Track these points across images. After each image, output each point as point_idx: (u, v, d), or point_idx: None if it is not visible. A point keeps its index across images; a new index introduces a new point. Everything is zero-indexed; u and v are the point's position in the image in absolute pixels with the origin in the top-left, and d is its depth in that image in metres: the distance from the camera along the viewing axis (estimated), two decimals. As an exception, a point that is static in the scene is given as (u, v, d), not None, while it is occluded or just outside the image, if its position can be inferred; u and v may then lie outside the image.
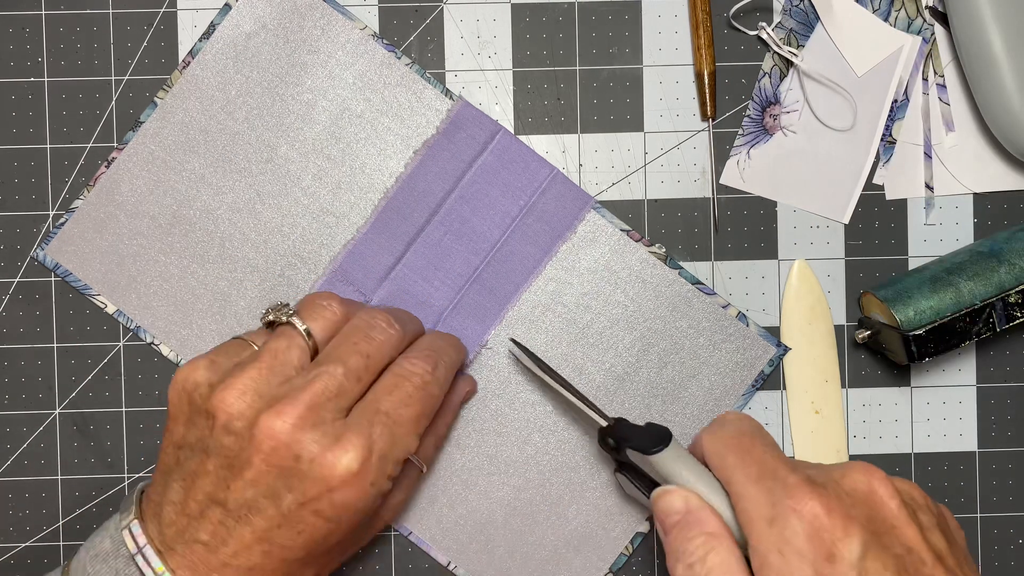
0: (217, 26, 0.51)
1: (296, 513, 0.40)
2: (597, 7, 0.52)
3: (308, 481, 0.40)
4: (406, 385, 0.43)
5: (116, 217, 0.51)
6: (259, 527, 0.40)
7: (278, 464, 0.40)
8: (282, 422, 0.40)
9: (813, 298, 0.52)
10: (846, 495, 0.38)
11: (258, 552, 0.41)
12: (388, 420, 0.42)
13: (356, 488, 0.40)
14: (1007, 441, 0.52)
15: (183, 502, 0.42)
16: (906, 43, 0.52)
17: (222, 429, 0.41)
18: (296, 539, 0.41)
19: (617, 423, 0.47)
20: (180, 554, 0.41)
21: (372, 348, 0.43)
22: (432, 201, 0.51)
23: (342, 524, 0.41)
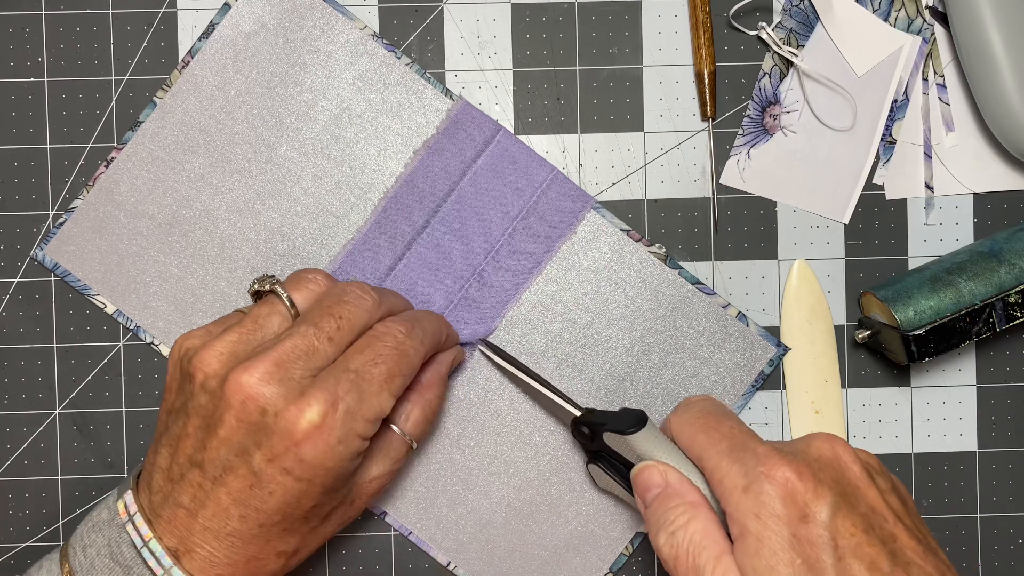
0: (217, 26, 0.51)
1: (266, 471, 0.40)
2: (597, 7, 0.52)
3: (274, 436, 0.40)
4: (377, 344, 0.43)
5: (116, 217, 0.51)
6: (233, 488, 0.41)
7: (246, 420, 0.40)
8: (248, 376, 0.41)
9: (813, 298, 0.52)
10: (814, 461, 0.39)
11: (235, 516, 0.41)
12: (356, 377, 0.42)
13: (321, 443, 0.40)
14: (1007, 441, 0.52)
15: (168, 467, 0.42)
16: (906, 43, 0.52)
17: (199, 388, 0.42)
18: (269, 500, 0.41)
19: (590, 412, 0.48)
20: (166, 520, 0.42)
21: (345, 310, 0.43)
22: (432, 201, 0.51)
23: (314, 484, 0.41)
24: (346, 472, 0.42)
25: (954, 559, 0.52)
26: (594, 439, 0.47)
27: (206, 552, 0.42)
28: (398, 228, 0.51)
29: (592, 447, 0.48)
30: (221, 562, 0.42)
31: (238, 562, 0.42)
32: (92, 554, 0.42)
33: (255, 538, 0.42)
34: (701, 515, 0.41)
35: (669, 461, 0.43)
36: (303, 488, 0.41)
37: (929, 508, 0.52)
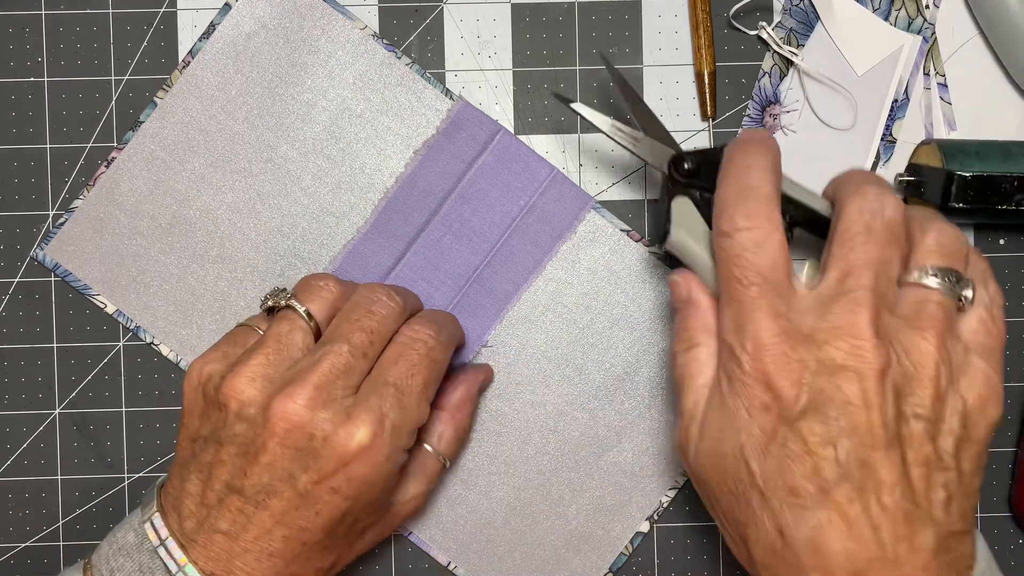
0: (217, 26, 0.51)
1: (313, 492, 0.41)
2: (597, 7, 0.52)
3: (323, 459, 0.40)
4: (411, 354, 0.43)
5: (116, 217, 0.51)
6: (277, 510, 0.41)
7: (293, 445, 0.40)
8: (294, 403, 0.40)
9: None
10: (815, 349, 0.37)
11: (278, 537, 0.41)
12: (396, 392, 0.42)
13: (371, 461, 0.41)
14: (1007, 441, 0.52)
15: (201, 493, 0.42)
16: (906, 42, 0.52)
17: (235, 417, 0.41)
18: (315, 520, 0.41)
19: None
20: (201, 545, 0.41)
21: (374, 323, 0.43)
22: (432, 201, 0.51)
23: (360, 500, 0.42)
24: (389, 486, 0.43)
25: (954, 559, 0.52)
26: (698, 173, 0.44)
27: (246, 574, 0.41)
28: (398, 228, 0.51)
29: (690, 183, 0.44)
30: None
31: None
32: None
33: (297, 557, 0.42)
34: (709, 343, 0.41)
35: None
36: (348, 506, 0.41)
37: (929, 508, 0.52)
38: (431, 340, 0.44)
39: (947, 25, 0.52)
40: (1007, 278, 0.52)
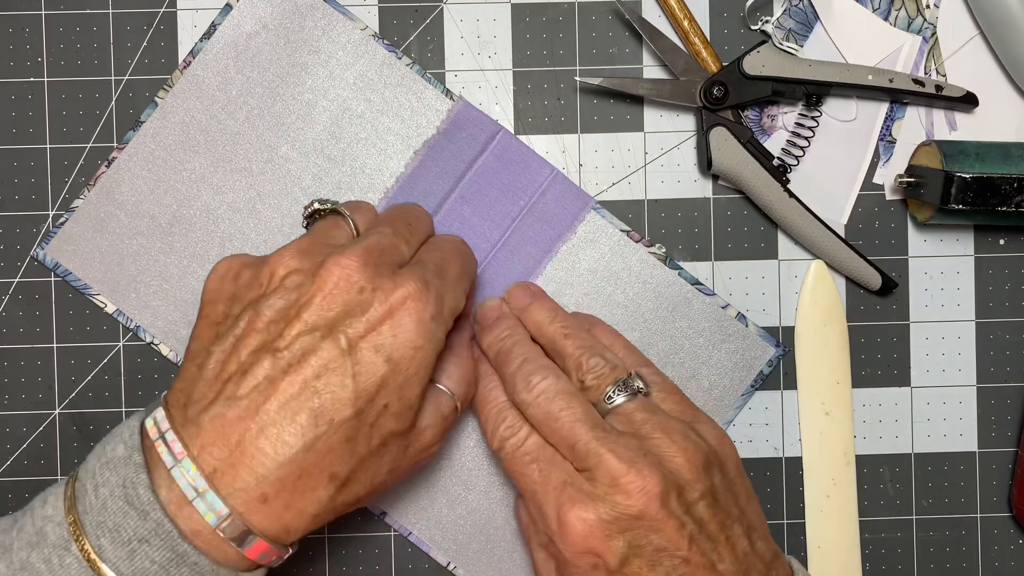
0: (218, 26, 0.51)
1: (356, 348, 0.39)
2: (597, 7, 0.52)
3: (371, 310, 0.40)
4: (446, 246, 0.45)
5: (116, 217, 0.51)
6: (310, 373, 0.39)
7: (341, 299, 0.40)
8: (346, 260, 0.40)
9: (829, 300, 0.52)
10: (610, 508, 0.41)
11: (305, 408, 0.38)
12: (436, 269, 0.43)
13: (416, 314, 0.40)
14: (1007, 441, 0.52)
15: (222, 367, 0.40)
16: (906, 42, 0.52)
17: (280, 282, 0.41)
18: (349, 385, 0.39)
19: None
20: (208, 427, 0.38)
21: (412, 218, 0.45)
22: (432, 201, 0.51)
23: (398, 371, 0.40)
24: (427, 368, 0.41)
25: (954, 559, 0.52)
26: (726, 96, 0.49)
27: (255, 462, 0.38)
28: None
29: (725, 103, 0.49)
30: (270, 477, 0.38)
31: (287, 478, 0.38)
32: (104, 494, 0.38)
33: (318, 440, 0.39)
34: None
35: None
36: (387, 373, 0.39)
37: (929, 508, 0.52)
38: (460, 242, 0.46)
39: (947, 25, 0.52)
40: (1007, 278, 0.52)
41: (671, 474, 0.41)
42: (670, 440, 0.42)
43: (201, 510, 0.38)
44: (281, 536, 0.40)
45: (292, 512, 0.39)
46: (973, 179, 0.47)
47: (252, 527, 0.39)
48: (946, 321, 0.52)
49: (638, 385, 0.44)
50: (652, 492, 0.40)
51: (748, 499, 0.44)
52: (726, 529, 0.42)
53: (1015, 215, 0.48)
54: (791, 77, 0.50)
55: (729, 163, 0.50)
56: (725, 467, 0.43)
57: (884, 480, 0.52)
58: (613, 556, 0.41)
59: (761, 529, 0.44)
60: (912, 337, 0.52)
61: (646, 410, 0.43)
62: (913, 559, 0.52)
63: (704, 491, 0.42)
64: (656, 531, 0.41)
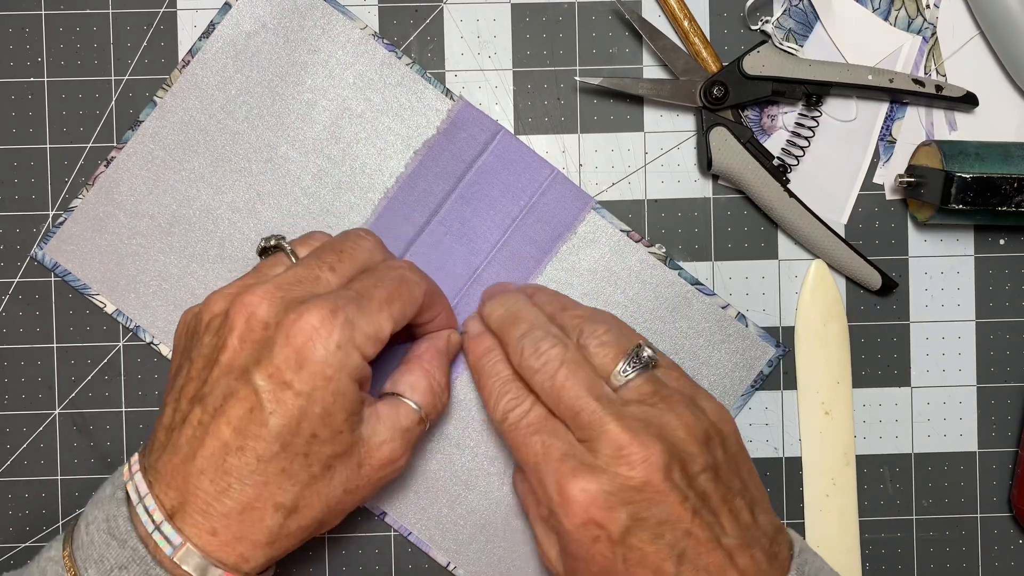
0: (217, 25, 0.51)
1: (266, 387, 0.40)
2: (597, 7, 0.52)
3: (276, 347, 0.40)
4: (380, 271, 0.45)
5: (115, 217, 0.51)
6: (233, 416, 0.40)
7: (250, 339, 0.41)
8: (251, 296, 0.41)
9: (829, 299, 0.52)
10: (612, 476, 0.41)
11: (233, 449, 0.40)
12: (356, 295, 0.43)
13: (320, 345, 0.40)
14: (1007, 441, 0.52)
15: (171, 420, 0.42)
16: (906, 42, 0.52)
17: (204, 330, 0.43)
18: (268, 422, 0.40)
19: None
20: (162, 472, 0.41)
21: (345, 246, 0.45)
22: (432, 201, 0.51)
23: (314, 400, 0.41)
24: (347, 394, 0.41)
25: (954, 559, 0.52)
26: (726, 96, 0.49)
27: (200, 501, 0.41)
28: (398, 228, 0.51)
29: (725, 103, 0.50)
30: (215, 513, 0.41)
31: (232, 512, 0.41)
32: (92, 530, 0.42)
33: (252, 475, 0.41)
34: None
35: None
36: (302, 405, 0.40)
37: (929, 508, 0.52)
38: (404, 268, 0.45)
39: (947, 25, 0.52)
40: (1007, 278, 0.52)
41: (674, 446, 0.41)
42: (674, 413, 0.42)
43: (159, 541, 0.41)
44: (240, 564, 0.41)
45: (244, 543, 0.41)
46: (973, 179, 0.47)
47: (207, 556, 0.41)
48: (946, 321, 0.52)
49: (647, 354, 0.44)
50: (655, 464, 0.40)
51: (750, 473, 0.44)
52: (728, 502, 0.42)
53: (1015, 215, 0.48)
54: (791, 77, 0.50)
55: (729, 163, 0.50)
56: (727, 441, 0.43)
57: (884, 480, 0.52)
58: (615, 527, 0.40)
59: (763, 503, 0.44)
60: (912, 337, 0.52)
61: (653, 383, 0.43)
62: (913, 559, 0.52)
63: (707, 464, 0.42)
64: (658, 503, 0.40)
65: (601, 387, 0.43)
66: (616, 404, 0.42)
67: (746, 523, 0.42)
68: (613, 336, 0.44)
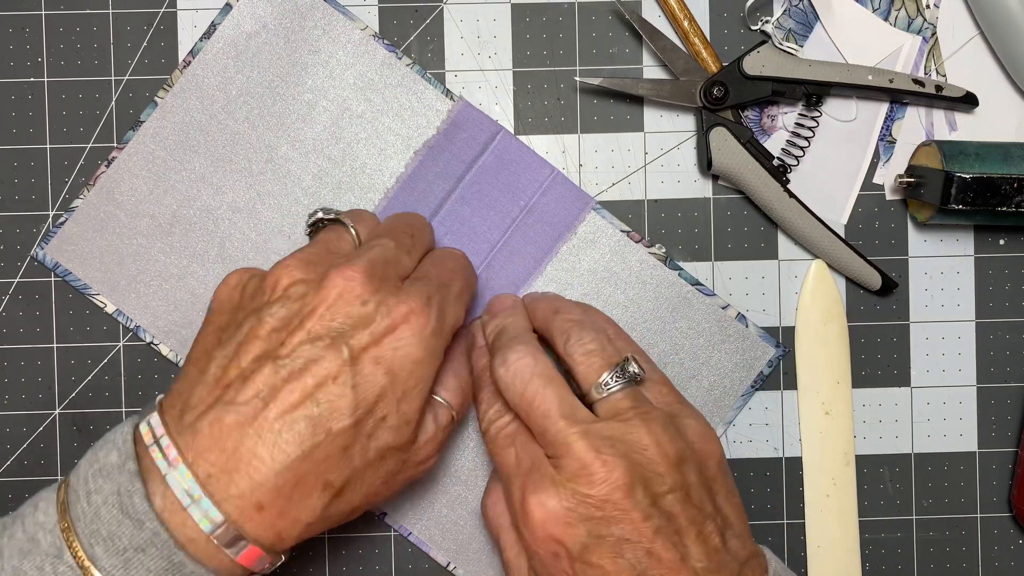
0: (218, 26, 0.51)
1: (357, 360, 0.40)
2: (597, 7, 0.52)
3: (373, 324, 0.40)
4: (448, 260, 0.45)
5: (116, 217, 0.51)
6: (310, 383, 0.39)
7: (343, 311, 0.40)
8: (350, 272, 0.41)
9: (829, 299, 0.52)
10: (573, 493, 0.41)
11: (302, 417, 0.39)
12: (439, 283, 0.43)
13: (418, 329, 0.41)
14: (1007, 441, 0.52)
15: (220, 376, 0.40)
16: (906, 42, 0.52)
17: (282, 295, 0.41)
18: (348, 395, 0.39)
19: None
20: (205, 434, 0.38)
21: (415, 230, 0.46)
22: (432, 202, 0.51)
23: (397, 383, 0.40)
24: (427, 382, 0.42)
25: (954, 559, 0.52)
26: (726, 96, 0.49)
27: (251, 469, 0.38)
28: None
29: (725, 103, 0.50)
30: (265, 484, 0.38)
31: (284, 485, 0.39)
32: (98, 502, 0.38)
33: (316, 448, 0.39)
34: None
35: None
36: (386, 385, 0.40)
37: (929, 508, 0.52)
38: (463, 257, 0.47)
39: (947, 25, 0.52)
40: (1007, 278, 0.52)
41: (639, 466, 0.40)
42: (647, 431, 0.41)
43: (196, 517, 0.38)
44: (275, 544, 0.40)
45: (286, 520, 0.40)
46: (973, 179, 0.48)
47: (246, 534, 0.39)
48: (946, 321, 0.52)
49: (634, 370, 0.43)
50: (616, 482, 0.40)
51: (727, 497, 0.43)
52: (697, 525, 0.41)
53: (1015, 215, 0.48)
54: (791, 77, 0.50)
55: (729, 163, 0.50)
56: (705, 464, 0.43)
57: (884, 480, 0.52)
58: (574, 544, 0.40)
59: (738, 527, 0.43)
60: (912, 337, 0.52)
61: (632, 398, 0.43)
62: (913, 559, 0.52)
63: (675, 485, 0.41)
64: (619, 522, 0.40)
65: (571, 402, 0.42)
66: (584, 421, 0.42)
67: (715, 547, 0.41)
68: (600, 346, 0.44)
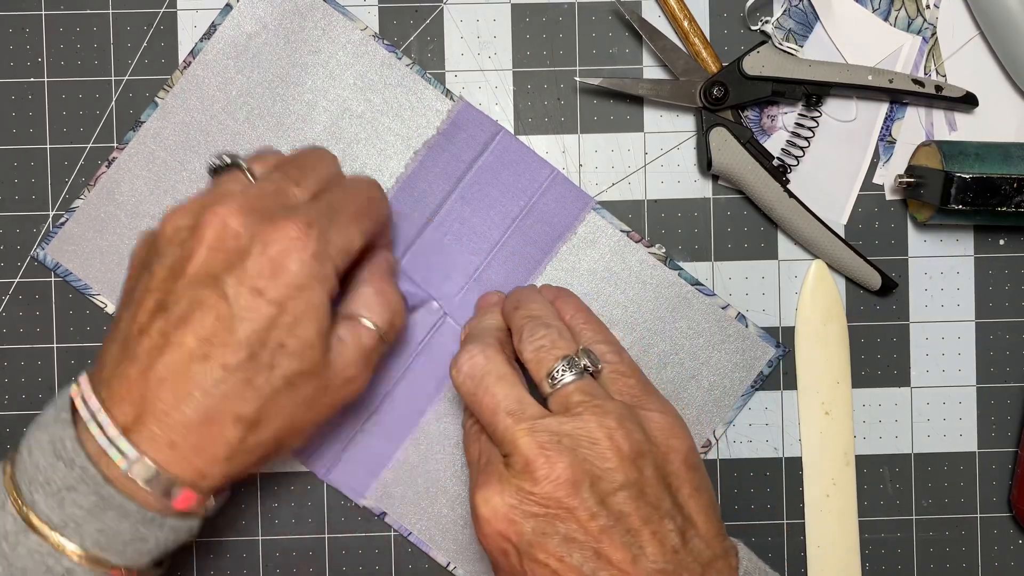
0: (218, 26, 0.51)
1: (238, 294, 0.40)
2: (597, 7, 0.52)
3: (250, 256, 0.40)
4: (346, 186, 0.45)
5: (116, 217, 0.51)
6: (199, 325, 0.40)
7: (221, 248, 0.40)
8: (224, 208, 0.41)
9: (829, 299, 0.52)
10: (519, 488, 0.40)
11: (198, 357, 0.40)
12: (327, 208, 0.42)
13: (296, 256, 0.40)
14: (1007, 441, 0.52)
15: (126, 333, 0.41)
16: (906, 42, 0.52)
17: (167, 243, 0.42)
18: (237, 329, 0.40)
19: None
20: (117, 387, 0.40)
21: (307, 161, 0.45)
22: (432, 202, 0.51)
23: (285, 311, 0.40)
24: (319, 307, 0.41)
25: (954, 559, 0.52)
26: (726, 96, 0.49)
27: (159, 412, 0.40)
28: (398, 228, 0.51)
29: (725, 103, 0.50)
30: (174, 423, 0.40)
31: (192, 423, 0.40)
32: (36, 452, 0.41)
33: (216, 384, 0.40)
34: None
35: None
36: (273, 314, 0.40)
37: (929, 508, 0.52)
38: (370, 183, 0.46)
39: (947, 25, 0.52)
40: (1007, 278, 0.52)
41: (586, 462, 0.39)
42: (599, 425, 0.40)
43: (114, 456, 0.40)
44: (197, 480, 0.41)
45: (203, 457, 0.41)
46: (973, 179, 0.48)
47: (164, 470, 0.40)
48: (946, 321, 0.52)
49: (584, 363, 0.42)
50: (559, 479, 0.39)
51: (692, 495, 0.41)
52: (651, 523, 0.39)
53: (1015, 215, 0.48)
54: (791, 77, 0.50)
55: (729, 163, 0.50)
56: (666, 458, 0.41)
57: (884, 480, 0.52)
58: (520, 541, 0.40)
59: (703, 527, 0.41)
60: (912, 337, 0.52)
61: (585, 392, 0.41)
62: (913, 559, 0.52)
63: (627, 482, 0.40)
64: (563, 520, 0.39)
65: (520, 398, 0.42)
66: (532, 418, 0.41)
67: (673, 547, 0.39)
68: (550, 341, 0.43)
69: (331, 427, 0.51)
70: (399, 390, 0.51)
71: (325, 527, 0.52)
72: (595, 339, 0.45)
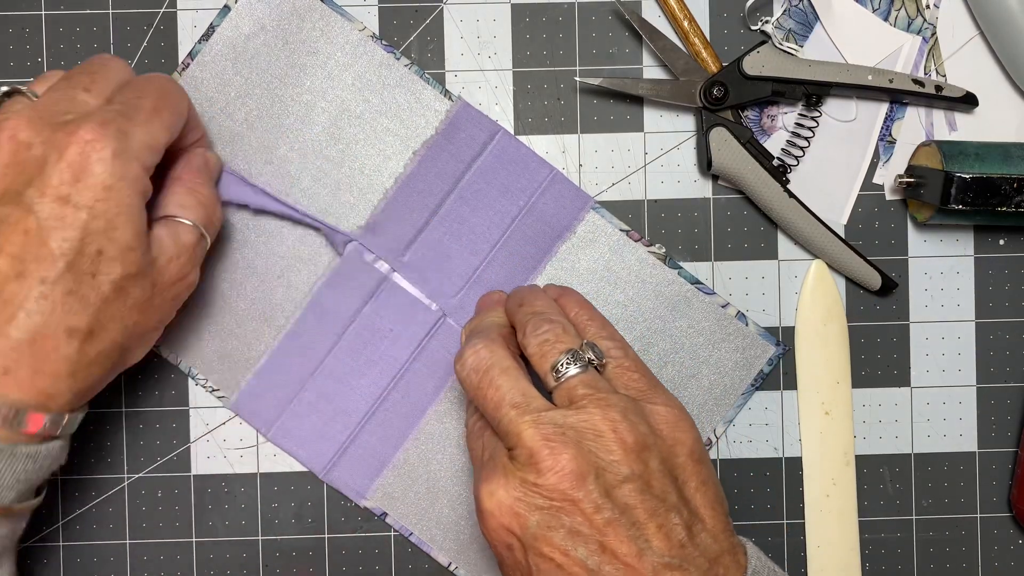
0: (216, 27, 0.51)
1: (42, 206, 0.39)
2: (597, 7, 0.52)
3: (48, 165, 0.40)
4: (139, 84, 0.44)
5: (116, 218, 0.51)
6: (9, 246, 0.39)
7: (15, 162, 0.40)
8: (12, 123, 0.40)
9: (829, 299, 0.52)
10: (523, 480, 0.39)
11: (13, 276, 0.39)
12: (121, 107, 0.42)
13: (95, 156, 0.40)
14: (1007, 441, 0.52)
15: None
16: (906, 42, 0.52)
17: None
18: (48, 241, 0.39)
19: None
20: None
21: (94, 67, 0.44)
22: (432, 202, 0.51)
23: (96, 214, 0.40)
24: (132, 207, 0.41)
25: (954, 559, 0.52)
26: (726, 96, 0.49)
27: None
28: (398, 229, 0.51)
29: (725, 103, 0.50)
30: (4, 350, 0.39)
31: (22, 344, 0.39)
32: None
33: (38, 301, 0.39)
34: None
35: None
36: (84, 220, 0.40)
37: (929, 508, 0.52)
38: (163, 77, 0.45)
39: (947, 25, 0.52)
40: (1007, 278, 0.52)
41: (591, 454, 0.39)
42: (603, 417, 0.40)
43: None
44: (45, 402, 0.41)
45: (43, 377, 0.40)
46: (973, 179, 0.47)
47: (5, 399, 0.40)
48: (946, 321, 0.52)
49: (589, 356, 0.42)
50: (564, 471, 0.38)
51: (698, 488, 0.41)
52: (658, 517, 0.39)
53: (1015, 215, 0.48)
54: (791, 77, 0.50)
55: (729, 163, 0.50)
56: (672, 451, 0.41)
57: (884, 480, 0.52)
58: (525, 534, 0.39)
59: (710, 521, 0.40)
60: (912, 337, 0.52)
61: (590, 385, 0.41)
62: (913, 559, 0.52)
63: (632, 474, 0.39)
64: (568, 513, 0.39)
65: (524, 391, 0.41)
66: (537, 410, 0.40)
67: (679, 541, 0.39)
68: (554, 335, 0.43)
69: (330, 427, 0.51)
70: (399, 390, 0.51)
71: (325, 527, 0.52)
72: (600, 334, 0.45)
